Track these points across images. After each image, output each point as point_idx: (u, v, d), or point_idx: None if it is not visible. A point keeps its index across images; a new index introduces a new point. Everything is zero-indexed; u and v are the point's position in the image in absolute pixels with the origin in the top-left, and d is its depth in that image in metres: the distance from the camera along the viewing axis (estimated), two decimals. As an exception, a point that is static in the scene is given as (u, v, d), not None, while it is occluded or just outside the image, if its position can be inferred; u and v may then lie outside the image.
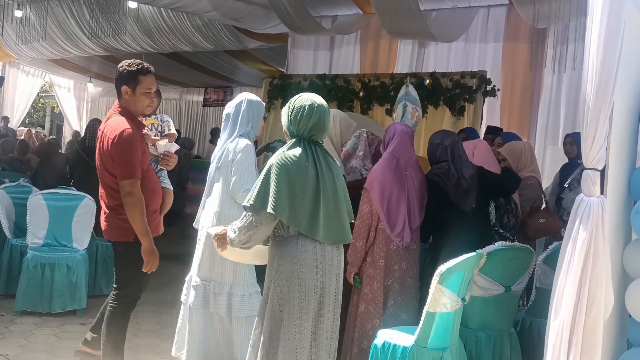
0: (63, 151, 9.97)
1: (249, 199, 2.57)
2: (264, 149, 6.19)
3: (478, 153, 3.78)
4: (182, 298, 3.54)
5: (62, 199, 5.05)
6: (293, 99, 2.71)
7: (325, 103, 2.71)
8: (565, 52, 5.93)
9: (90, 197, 5.08)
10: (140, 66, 3.19)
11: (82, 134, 8.57)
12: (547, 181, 5.75)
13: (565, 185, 4.55)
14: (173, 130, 3.63)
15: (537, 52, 6.52)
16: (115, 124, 3.13)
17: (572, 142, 4.96)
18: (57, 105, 15.37)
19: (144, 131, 3.31)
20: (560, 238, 3.00)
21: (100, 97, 14.77)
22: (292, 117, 2.65)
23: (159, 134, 3.54)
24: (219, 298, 3.42)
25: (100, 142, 3.19)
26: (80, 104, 14.34)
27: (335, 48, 7.87)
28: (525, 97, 6.73)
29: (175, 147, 3.53)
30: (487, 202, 3.67)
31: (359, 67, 7.54)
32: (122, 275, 3.26)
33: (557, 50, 6.07)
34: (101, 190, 3.25)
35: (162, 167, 3.49)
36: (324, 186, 2.60)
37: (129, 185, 3.08)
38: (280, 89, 7.15)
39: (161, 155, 3.47)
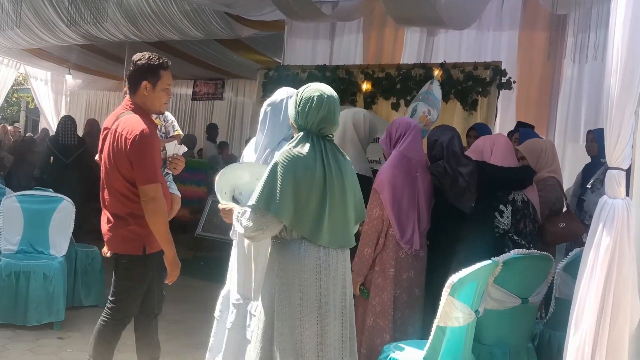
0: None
1: (252, 198, 2.61)
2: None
3: (497, 149, 3.76)
4: (216, 314, 3.40)
5: (38, 202, 5.05)
6: (301, 89, 2.73)
7: (335, 94, 2.73)
8: (587, 41, 5.90)
9: (69, 199, 5.08)
10: (161, 60, 3.22)
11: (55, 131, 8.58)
12: (567, 182, 5.74)
13: (588, 187, 4.54)
14: (179, 131, 3.63)
15: (556, 41, 6.51)
16: (132, 123, 3.09)
17: (593, 139, 4.96)
18: (33, 99, 15.36)
19: None
20: (582, 244, 3.00)
21: (79, 90, 14.75)
22: (299, 109, 2.68)
23: (163, 135, 3.55)
24: (253, 318, 3.34)
25: (112, 142, 3.13)
26: (58, 98, 14.31)
27: (336, 36, 7.85)
28: (543, 90, 6.72)
29: (183, 149, 3.55)
30: (495, 203, 3.65)
31: (362, 58, 7.53)
32: (120, 289, 3.25)
33: (578, 38, 6.05)
34: (106, 197, 3.20)
35: (169, 172, 3.50)
36: (331, 188, 2.64)
37: (152, 190, 3.06)
38: (276, 81, 7.12)
39: (169, 159, 3.47)
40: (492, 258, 3.05)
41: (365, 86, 6.66)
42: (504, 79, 6.01)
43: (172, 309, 5.33)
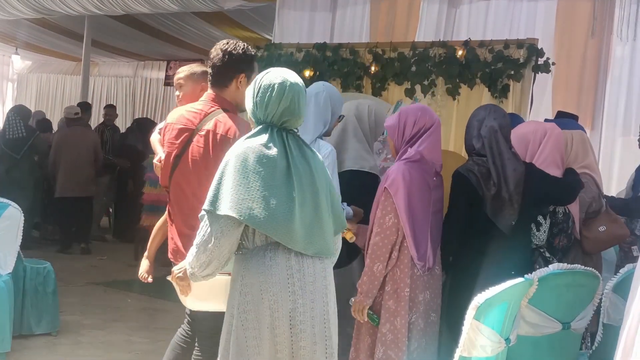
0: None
1: (204, 204, 2.63)
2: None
3: (547, 144, 3.72)
4: None
5: (-23, 209, 5.03)
6: (259, 76, 2.76)
7: (301, 80, 2.75)
8: (637, 14, 5.91)
9: (16, 205, 5.06)
10: (253, 49, 3.40)
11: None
12: (619, 184, 5.75)
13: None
14: None
15: (603, 14, 6.51)
16: (236, 125, 3.16)
17: (641, 133, 4.97)
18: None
19: None
20: (634, 259, 3.00)
21: (29, 72, 14.77)
22: (257, 99, 2.70)
23: None
24: None
25: (211, 146, 3.15)
26: (3, 83, 14.35)
27: (339, 8, 7.85)
28: (587, 73, 6.71)
29: None
30: (534, 212, 3.64)
31: (370, 34, 7.53)
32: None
33: (628, 10, 6.06)
34: (186, 211, 3.20)
35: None
36: (298, 182, 2.64)
37: None
38: (266, 63, 7.11)
39: None
40: (526, 275, 3.05)
41: (374, 68, 6.65)
42: (541, 60, 6.00)
43: (141, 336, 5.33)
